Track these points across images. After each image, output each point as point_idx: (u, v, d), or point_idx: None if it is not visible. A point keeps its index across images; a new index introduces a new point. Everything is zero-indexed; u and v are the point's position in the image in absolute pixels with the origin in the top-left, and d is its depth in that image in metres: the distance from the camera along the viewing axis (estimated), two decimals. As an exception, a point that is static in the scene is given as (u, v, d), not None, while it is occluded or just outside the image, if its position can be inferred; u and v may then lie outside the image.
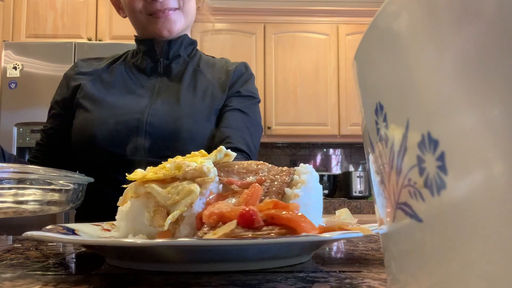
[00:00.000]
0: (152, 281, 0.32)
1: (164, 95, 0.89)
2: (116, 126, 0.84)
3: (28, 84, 2.39)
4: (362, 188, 2.90)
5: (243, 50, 2.91)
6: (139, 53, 0.96)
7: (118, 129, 0.84)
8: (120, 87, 0.91)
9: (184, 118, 0.85)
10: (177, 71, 0.94)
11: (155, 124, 0.84)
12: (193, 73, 0.93)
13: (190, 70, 0.94)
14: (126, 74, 0.94)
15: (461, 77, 0.11)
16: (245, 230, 0.34)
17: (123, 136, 0.83)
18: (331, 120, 2.92)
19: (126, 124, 0.84)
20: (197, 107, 0.87)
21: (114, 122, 0.84)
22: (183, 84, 0.91)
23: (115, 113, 0.86)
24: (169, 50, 0.93)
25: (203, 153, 0.49)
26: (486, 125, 0.11)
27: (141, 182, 0.43)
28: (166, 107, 0.87)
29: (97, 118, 0.86)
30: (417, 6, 0.13)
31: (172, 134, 0.84)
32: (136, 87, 0.92)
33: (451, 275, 0.12)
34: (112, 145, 0.82)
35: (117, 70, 0.94)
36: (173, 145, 0.83)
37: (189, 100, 0.88)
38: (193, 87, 0.91)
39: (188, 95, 0.89)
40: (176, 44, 0.93)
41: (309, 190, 0.44)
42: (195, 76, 0.93)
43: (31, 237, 0.36)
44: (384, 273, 0.34)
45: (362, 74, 0.18)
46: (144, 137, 0.84)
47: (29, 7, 2.69)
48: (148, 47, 0.93)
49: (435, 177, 0.12)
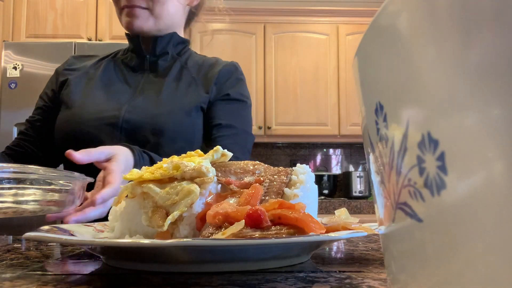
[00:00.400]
0: (152, 281, 0.32)
1: (147, 91, 0.89)
2: (94, 122, 0.84)
3: (28, 84, 2.39)
4: (362, 188, 2.90)
5: (243, 50, 2.91)
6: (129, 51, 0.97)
7: (95, 126, 0.84)
8: (103, 84, 0.92)
9: (162, 115, 0.84)
10: (163, 68, 0.94)
11: (131, 120, 0.84)
12: (179, 70, 0.93)
13: (177, 67, 0.94)
14: (112, 70, 0.95)
15: (461, 77, 0.11)
16: (253, 230, 0.34)
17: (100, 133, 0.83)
18: (331, 120, 2.92)
19: (103, 121, 0.84)
20: (177, 104, 0.87)
21: (92, 119, 0.85)
22: (167, 81, 0.90)
23: (93, 110, 0.86)
24: (155, 47, 0.93)
25: (199, 153, 0.49)
26: (486, 125, 0.11)
27: (138, 182, 0.43)
28: (145, 104, 0.87)
29: (76, 115, 0.86)
30: (417, 6, 0.13)
31: (149, 130, 0.83)
32: (121, 83, 0.92)
33: (451, 275, 0.12)
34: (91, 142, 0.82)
35: (105, 66, 0.95)
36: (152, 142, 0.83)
37: (170, 97, 0.88)
38: (176, 84, 0.91)
39: (169, 92, 0.89)
40: (162, 41, 0.93)
41: (307, 190, 0.44)
42: (180, 73, 0.93)
43: (31, 237, 0.36)
44: (384, 273, 0.34)
45: (362, 74, 0.18)
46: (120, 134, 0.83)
47: (29, 7, 2.69)
48: (135, 44, 0.94)
49: (435, 177, 0.12)
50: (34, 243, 0.55)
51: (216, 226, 0.36)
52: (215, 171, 0.43)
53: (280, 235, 0.34)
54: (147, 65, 0.94)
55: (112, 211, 0.47)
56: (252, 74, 2.91)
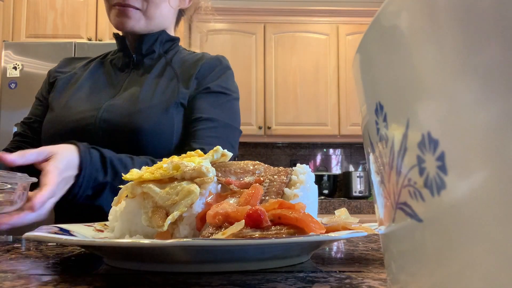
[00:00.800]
0: (152, 281, 0.32)
1: (129, 90, 0.88)
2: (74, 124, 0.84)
3: (28, 84, 2.39)
4: (362, 188, 2.90)
5: (243, 50, 2.91)
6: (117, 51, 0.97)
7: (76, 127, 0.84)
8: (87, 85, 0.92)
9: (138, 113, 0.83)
10: (147, 66, 0.93)
11: (109, 119, 0.83)
12: (163, 67, 0.92)
13: (161, 65, 0.92)
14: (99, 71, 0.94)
15: (461, 77, 0.11)
16: (253, 230, 0.34)
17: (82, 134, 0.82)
18: (331, 120, 2.92)
19: (83, 122, 0.84)
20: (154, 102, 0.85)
21: (72, 120, 0.84)
22: (148, 79, 0.89)
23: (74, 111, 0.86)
24: (141, 46, 0.92)
25: (199, 153, 0.49)
26: (486, 125, 0.11)
27: (138, 182, 0.43)
28: (123, 102, 0.86)
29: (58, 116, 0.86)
30: (417, 5, 0.13)
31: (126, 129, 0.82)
32: (105, 84, 0.92)
33: (451, 275, 0.12)
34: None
35: (92, 68, 0.95)
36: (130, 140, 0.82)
37: (148, 94, 0.86)
38: (157, 81, 0.89)
39: (148, 89, 0.87)
40: (149, 39, 0.92)
41: (307, 190, 0.44)
42: (163, 71, 0.91)
43: (31, 238, 0.36)
44: (384, 273, 0.34)
45: (362, 74, 0.18)
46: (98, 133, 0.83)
47: (29, 7, 2.69)
48: (121, 43, 0.93)
49: (435, 177, 0.12)
50: (34, 243, 0.55)
51: (216, 226, 0.36)
52: (215, 171, 0.43)
53: (280, 235, 0.34)
54: (132, 64, 0.93)
55: (112, 211, 0.47)
56: (252, 74, 2.91)
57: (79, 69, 0.96)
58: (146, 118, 0.83)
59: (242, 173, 0.46)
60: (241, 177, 0.45)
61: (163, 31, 0.94)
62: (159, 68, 0.92)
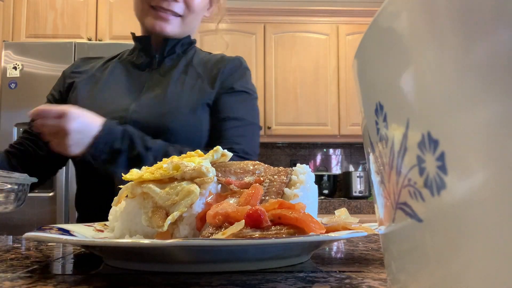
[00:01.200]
0: (152, 281, 0.32)
1: (152, 90, 0.90)
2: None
3: (28, 84, 2.39)
4: (362, 188, 2.90)
5: (243, 50, 2.91)
6: (135, 50, 0.97)
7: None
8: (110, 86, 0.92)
9: (168, 113, 0.85)
10: (169, 66, 0.94)
11: (138, 120, 0.84)
12: (185, 68, 0.94)
13: (182, 65, 0.94)
14: (119, 71, 0.95)
15: (461, 77, 0.11)
16: (253, 230, 0.34)
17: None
18: (331, 120, 2.92)
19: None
20: (183, 102, 0.87)
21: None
22: (172, 79, 0.91)
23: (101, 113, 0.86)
24: (165, 47, 0.93)
25: (199, 153, 0.49)
26: (486, 125, 0.11)
27: (138, 182, 0.43)
28: (151, 102, 0.87)
29: None
30: (417, 6, 0.13)
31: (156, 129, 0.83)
32: (127, 84, 0.93)
33: (451, 275, 0.12)
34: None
35: (111, 68, 0.96)
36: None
37: (176, 95, 0.88)
38: (182, 82, 0.91)
39: (175, 90, 0.89)
40: (173, 41, 0.94)
41: (307, 190, 0.44)
42: (186, 71, 0.93)
43: (31, 238, 0.36)
44: (384, 273, 0.34)
45: (362, 74, 0.18)
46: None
47: (29, 7, 2.68)
48: (145, 43, 0.94)
49: (435, 177, 0.12)
50: (34, 243, 0.55)
51: (216, 226, 0.36)
52: (215, 171, 0.43)
53: (280, 235, 0.34)
54: (154, 64, 0.94)
55: (112, 211, 0.47)
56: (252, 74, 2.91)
57: (97, 70, 0.96)
58: (175, 118, 0.84)
59: (242, 173, 0.46)
60: (241, 177, 0.45)
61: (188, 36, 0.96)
62: (181, 68, 0.93)
